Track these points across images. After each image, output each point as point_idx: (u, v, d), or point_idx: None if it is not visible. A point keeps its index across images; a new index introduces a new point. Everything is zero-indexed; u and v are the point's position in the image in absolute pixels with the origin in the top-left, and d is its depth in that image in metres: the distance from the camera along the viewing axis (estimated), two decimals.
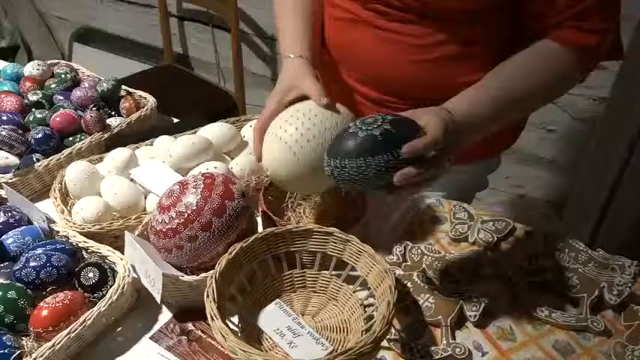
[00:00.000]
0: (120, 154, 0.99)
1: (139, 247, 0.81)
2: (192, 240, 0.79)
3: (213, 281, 0.74)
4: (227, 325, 0.70)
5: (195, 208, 0.79)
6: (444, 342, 0.76)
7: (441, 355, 0.74)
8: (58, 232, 0.89)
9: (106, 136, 1.12)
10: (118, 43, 2.53)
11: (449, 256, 0.88)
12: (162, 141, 1.04)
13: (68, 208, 0.94)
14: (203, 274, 0.79)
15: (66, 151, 1.06)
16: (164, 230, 0.80)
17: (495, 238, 0.91)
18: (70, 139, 1.11)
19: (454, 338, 0.77)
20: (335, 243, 0.83)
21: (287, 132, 0.79)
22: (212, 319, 0.70)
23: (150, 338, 0.80)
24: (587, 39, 0.78)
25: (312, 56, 0.90)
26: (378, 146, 0.67)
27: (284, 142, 0.79)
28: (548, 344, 0.76)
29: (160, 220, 0.81)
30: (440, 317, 0.78)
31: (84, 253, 0.87)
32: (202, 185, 0.81)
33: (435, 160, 0.69)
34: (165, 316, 0.83)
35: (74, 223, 0.89)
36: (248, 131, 1.11)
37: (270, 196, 0.93)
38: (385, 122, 0.68)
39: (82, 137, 1.11)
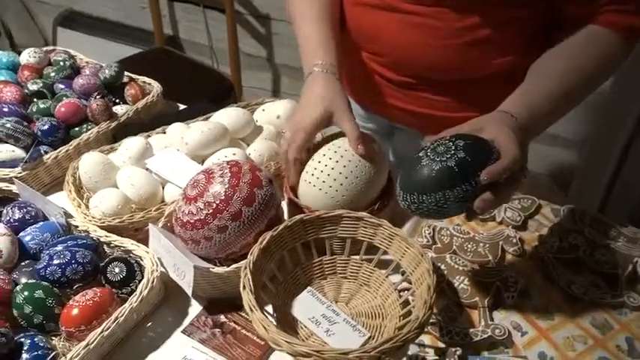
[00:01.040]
0: (135, 143, 0.96)
1: (165, 239, 0.79)
2: (222, 231, 0.77)
3: (248, 271, 0.73)
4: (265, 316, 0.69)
5: (223, 197, 0.77)
6: (482, 323, 0.76)
7: (481, 336, 0.74)
8: (77, 226, 0.87)
9: (113, 125, 1.09)
10: (105, 27, 2.46)
11: (478, 237, 0.87)
12: (176, 128, 1.02)
13: (84, 201, 0.92)
14: (234, 265, 0.78)
15: (74, 142, 1.03)
16: (192, 222, 0.78)
17: (523, 217, 0.91)
18: (77, 129, 1.08)
19: (492, 319, 0.77)
20: (365, 228, 0.82)
21: (319, 179, 0.82)
22: (251, 310, 0.69)
23: (182, 332, 0.79)
24: (631, 20, 0.77)
25: (339, 70, 0.88)
26: (455, 178, 0.65)
27: (318, 189, 0.82)
28: (585, 321, 0.76)
29: (187, 212, 0.79)
30: (476, 299, 0.78)
31: (105, 247, 0.85)
32: (229, 174, 0.79)
33: (513, 178, 0.67)
34: (195, 308, 0.82)
35: (93, 217, 0.87)
36: (260, 115, 1.09)
37: None
38: (458, 149, 0.66)
39: (89, 127, 1.08)
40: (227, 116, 1.02)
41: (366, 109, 1.12)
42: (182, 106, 1.26)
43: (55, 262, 0.77)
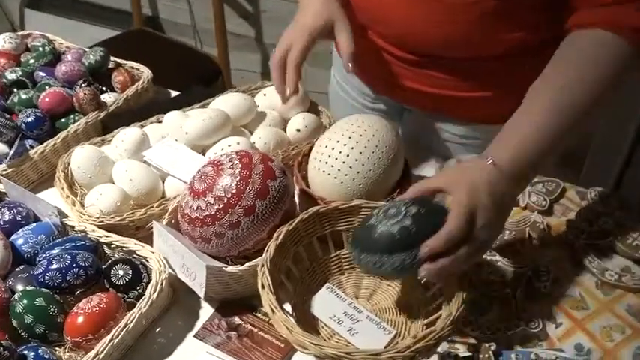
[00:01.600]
0: (131, 134, 0.94)
1: (172, 238, 0.78)
2: (235, 227, 0.76)
3: (266, 269, 0.72)
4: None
5: (235, 191, 0.75)
6: (514, 316, 0.76)
7: (513, 329, 0.74)
8: (73, 227, 0.84)
9: (102, 115, 1.06)
10: (77, 7, 2.40)
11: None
12: (173, 117, 0.99)
13: (78, 199, 0.89)
14: (248, 263, 0.76)
15: (61, 135, 1.00)
16: (201, 218, 0.76)
17: (548, 201, 0.90)
18: (63, 120, 1.05)
19: (524, 310, 0.77)
20: None
21: (334, 167, 0.82)
22: (272, 311, 0.68)
23: (194, 336, 0.78)
24: (633, 20, 0.72)
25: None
26: (395, 245, 0.66)
27: (333, 178, 0.82)
28: (621, 309, 0.77)
29: (195, 207, 0.77)
30: (508, 290, 0.78)
31: (105, 248, 0.83)
32: (239, 165, 0.77)
33: (457, 247, 0.65)
34: (205, 310, 0.81)
35: (90, 216, 0.85)
36: (261, 100, 1.07)
37: (304, 171, 0.90)
38: (406, 216, 0.66)
39: (77, 118, 1.05)
40: (227, 102, 1.00)
41: (375, 90, 1.11)
42: (173, 92, 1.24)
43: (54, 266, 0.75)
